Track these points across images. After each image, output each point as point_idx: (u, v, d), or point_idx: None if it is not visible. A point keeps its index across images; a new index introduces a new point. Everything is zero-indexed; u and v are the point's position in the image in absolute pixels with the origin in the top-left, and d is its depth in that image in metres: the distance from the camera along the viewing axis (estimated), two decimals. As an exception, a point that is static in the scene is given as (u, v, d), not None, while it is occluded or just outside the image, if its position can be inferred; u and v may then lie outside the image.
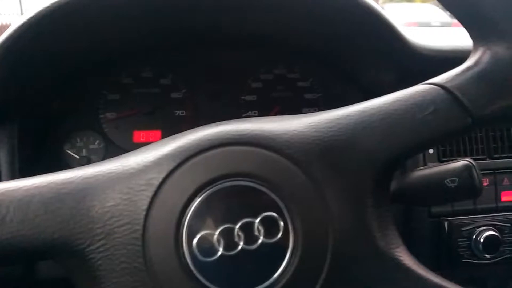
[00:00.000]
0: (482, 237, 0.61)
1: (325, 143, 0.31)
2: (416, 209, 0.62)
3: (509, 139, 0.64)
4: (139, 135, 0.69)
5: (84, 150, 0.67)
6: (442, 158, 0.62)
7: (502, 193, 0.64)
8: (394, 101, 0.32)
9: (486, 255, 0.61)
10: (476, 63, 0.32)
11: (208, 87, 0.72)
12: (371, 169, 0.31)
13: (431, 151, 0.63)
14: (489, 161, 0.64)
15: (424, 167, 0.46)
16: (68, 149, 0.67)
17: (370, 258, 0.30)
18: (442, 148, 0.62)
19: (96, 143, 0.68)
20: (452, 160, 0.44)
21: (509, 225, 0.63)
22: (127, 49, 0.69)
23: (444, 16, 7.20)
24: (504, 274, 0.66)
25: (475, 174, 0.42)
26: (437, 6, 7.71)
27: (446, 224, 0.61)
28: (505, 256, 0.62)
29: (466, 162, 0.43)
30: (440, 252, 0.61)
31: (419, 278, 0.30)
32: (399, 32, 0.57)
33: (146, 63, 0.71)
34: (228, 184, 0.28)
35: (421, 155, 0.62)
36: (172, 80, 0.71)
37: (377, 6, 0.56)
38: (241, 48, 0.73)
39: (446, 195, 0.44)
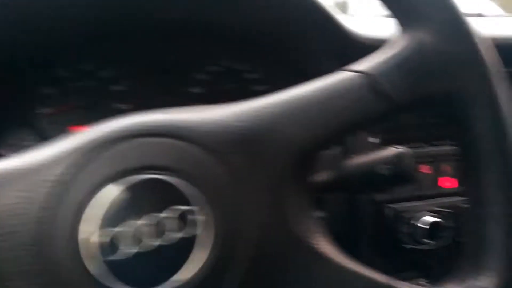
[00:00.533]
0: (424, 223, 0.62)
1: (246, 132, 0.30)
2: (360, 196, 0.62)
3: (449, 127, 0.65)
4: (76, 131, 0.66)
5: (18, 148, 0.63)
6: (386, 146, 0.63)
7: (442, 179, 0.65)
8: (317, 89, 0.32)
9: (428, 241, 0.62)
10: (400, 50, 0.32)
11: (152, 79, 0.69)
12: (289, 157, 0.30)
13: (374, 139, 0.63)
14: (430, 148, 0.65)
15: (361, 155, 0.47)
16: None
17: (286, 246, 0.29)
18: (385, 136, 0.63)
19: (31, 140, 0.64)
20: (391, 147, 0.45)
21: (450, 210, 0.64)
22: (65, 40, 0.66)
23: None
24: (446, 259, 0.68)
25: (406, 161, 0.43)
26: None
27: (388, 210, 0.62)
28: (446, 242, 0.64)
29: (398, 150, 0.44)
30: (383, 238, 0.62)
31: (337, 266, 0.29)
32: (335, 20, 0.56)
33: (85, 55, 0.67)
34: (136, 177, 0.27)
35: (365, 143, 0.62)
36: (113, 72, 0.68)
37: None
38: (187, 39, 0.71)
39: (380, 183, 0.44)
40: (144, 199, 0.27)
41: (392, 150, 0.44)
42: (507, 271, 0.30)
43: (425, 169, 0.65)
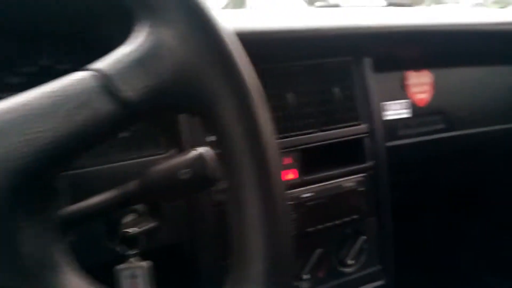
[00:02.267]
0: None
1: None
2: (201, 197, 0.59)
3: (288, 118, 0.65)
4: None
5: None
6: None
7: (284, 172, 0.65)
8: (43, 95, 0.27)
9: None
10: (137, 47, 0.28)
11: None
12: (5, 180, 0.24)
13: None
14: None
15: (165, 161, 0.43)
16: None
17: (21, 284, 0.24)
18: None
19: None
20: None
21: (292, 202, 0.64)
22: None
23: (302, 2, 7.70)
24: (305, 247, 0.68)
25: (207, 163, 0.40)
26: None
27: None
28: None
29: (198, 152, 0.41)
30: (226, 239, 0.60)
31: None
32: None
33: None
34: None
35: (203, 143, 0.59)
36: None
37: None
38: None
39: (181, 188, 0.41)
40: None
41: (193, 152, 0.41)
42: (270, 281, 0.28)
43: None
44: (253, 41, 0.63)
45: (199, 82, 0.28)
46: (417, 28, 0.75)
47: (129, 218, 0.55)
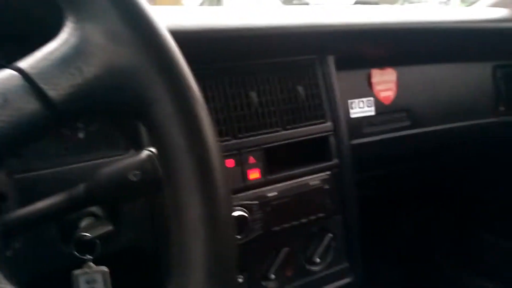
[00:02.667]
0: (230, 219, 0.60)
1: None
2: (160, 202, 0.58)
3: (251, 117, 0.65)
4: None
5: None
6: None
7: (249, 171, 0.64)
8: None
9: (236, 236, 0.61)
10: (61, 44, 0.27)
11: None
12: None
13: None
14: (234, 141, 0.64)
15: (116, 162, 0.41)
16: None
17: None
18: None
19: None
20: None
21: (256, 202, 0.64)
22: None
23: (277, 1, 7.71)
24: (259, 252, 0.68)
25: (157, 164, 0.39)
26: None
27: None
28: (256, 234, 0.64)
29: (148, 153, 0.40)
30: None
31: None
32: None
33: None
34: None
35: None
36: None
37: None
38: None
39: (131, 191, 0.40)
40: None
41: (144, 153, 0.40)
42: None
43: (230, 163, 0.63)
44: (214, 39, 0.63)
45: (134, 82, 0.27)
46: (379, 26, 0.76)
47: (86, 221, 0.53)
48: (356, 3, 1.04)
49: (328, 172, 0.71)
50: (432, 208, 1.30)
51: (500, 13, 0.99)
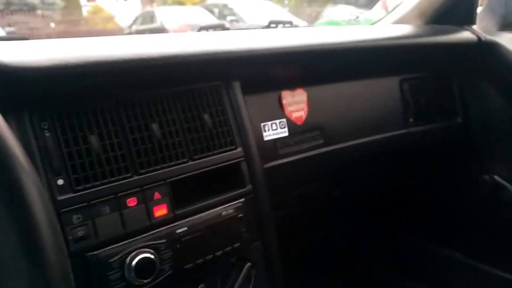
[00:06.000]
0: (134, 262, 0.56)
1: None
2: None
3: (154, 151, 0.62)
4: None
5: None
6: (75, 186, 0.55)
7: (154, 208, 0.61)
8: None
9: (143, 280, 0.57)
10: None
11: None
12: None
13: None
14: (136, 178, 0.60)
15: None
16: None
17: None
18: (75, 176, 0.55)
19: None
20: None
21: (164, 240, 0.60)
22: None
23: (213, 18, 7.75)
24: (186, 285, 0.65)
25: None
26: (206, 9, 8.24)
27: (90, 257, 0.54)
28: (166, 274, 0.60)
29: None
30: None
31: None
32: None
33: None
34: None
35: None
36: None
37: None
38: None
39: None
40: None
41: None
42: None
43: (132, 202, 0.59)
44: (109, 71, 0.59)
45: None
46: (284, 50, 0.76)
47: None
48: (268, 25, 1.05)
49: (241, 200, 0.70)
50: (361, 218, 1.33)
51: (403, 29, 1.05)
